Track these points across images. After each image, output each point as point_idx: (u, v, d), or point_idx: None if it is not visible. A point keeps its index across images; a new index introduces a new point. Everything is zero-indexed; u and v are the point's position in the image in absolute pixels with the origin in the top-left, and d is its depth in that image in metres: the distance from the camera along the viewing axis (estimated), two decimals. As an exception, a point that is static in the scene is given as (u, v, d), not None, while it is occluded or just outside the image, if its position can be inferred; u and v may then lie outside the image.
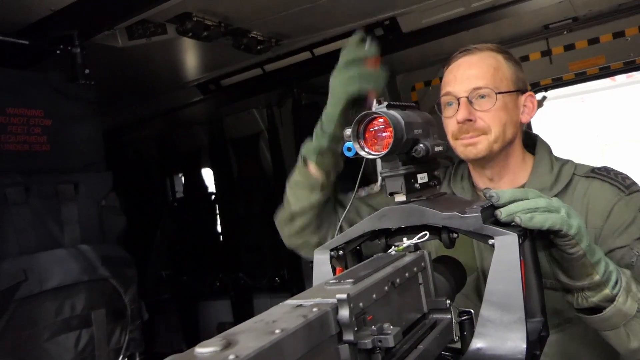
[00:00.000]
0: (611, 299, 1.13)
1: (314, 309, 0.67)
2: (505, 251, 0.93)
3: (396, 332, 0.69)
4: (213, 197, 5.13)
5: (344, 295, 0.68)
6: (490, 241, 0.95)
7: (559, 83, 3.75)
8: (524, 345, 0.86)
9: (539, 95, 3.86)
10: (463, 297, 1.42)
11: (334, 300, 0.69)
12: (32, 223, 2.01)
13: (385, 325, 0.72)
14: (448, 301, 0.95)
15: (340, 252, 1.11)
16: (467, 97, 1.44)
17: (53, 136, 2.15)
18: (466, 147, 1.46)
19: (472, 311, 0.99)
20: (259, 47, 3.22)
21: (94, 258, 2.12)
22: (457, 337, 0.96)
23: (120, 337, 2.23)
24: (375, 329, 0.70)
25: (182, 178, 5.35)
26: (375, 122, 1.02)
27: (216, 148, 4.93)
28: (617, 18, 3.43)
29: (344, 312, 0.68)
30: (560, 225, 1.03)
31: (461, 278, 1.14)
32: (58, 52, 2.29)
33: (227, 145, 4.90)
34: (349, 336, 0.68)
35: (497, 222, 1.01)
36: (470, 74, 1.46)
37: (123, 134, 4.91)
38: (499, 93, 1.44)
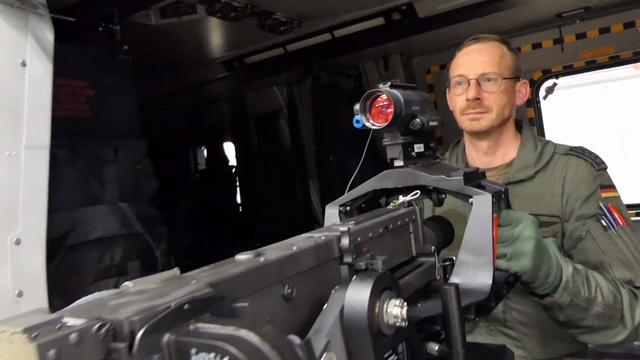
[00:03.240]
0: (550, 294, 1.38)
1: (322, 237, 0.89)
2: (481, 208, 1.14)
3: (384, 259, 0.91)
4: (233, 170, 5.37)
5: (346, 228, 0.90)
6: (470, 200, 1.16)
7: (569, 70, 3.89)
8: (490, 282, 1.07)
9: (549, 82, 4.01)
10: None
11: (338, 233, 0.90)
12: (78, 181, 2.26)
13: (378, 256, 0.94)
14: (433, 247, 1.16)
15: (348, 208, 1.32)
16: (477, 80, 1.70)
17: (95, 105, 2.39)
18: (472, 122, 1.70)
19: (454, 258, 1.20)
20: (282, 28, 3.40)
21: (131, 215, 2.38)
22: (439, 277, 1.17)
23: (151, 287, 2.46)
24: (369, 256, 0.92)
25: (205, 151, 5.59)
26: (379, 99, 1.22)
27: (238, 123, 5.16)
28: (628, 9, 3.55)
29: (345, 241, 0.89)
30: (519, 271, 1.25)
31: (449, 234, 1.34)
32: (100, 29, 2.51)
33: (249, 121, 5.12)
34: (347, 259, 0.89)
35: (479, 185, 1.21)
36: (481, 60, 1.73)
37: (149, 108, 5.15)
38: (505, 79, 1.72)
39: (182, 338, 0.53)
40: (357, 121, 1.27)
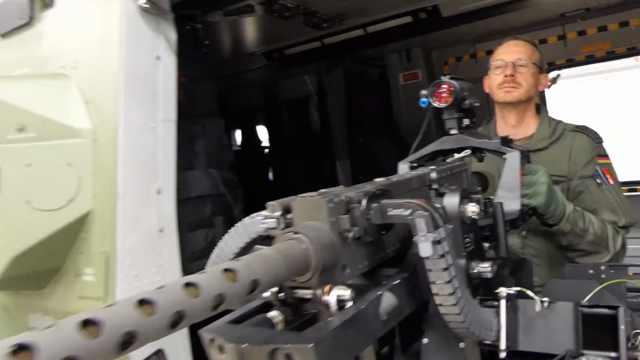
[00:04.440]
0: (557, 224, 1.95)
1: (419, 172, 1.45)
2: (512, 161, 1.70)
3: (456, 187, 1.46)
4: (266, 150, 5.91)
5: (434, 167, 1.46)
6: (504, 155, 1.72)
7: (571, 63, 4.43)
8: (519, 207, 1.64)
9: (554, 73, 4.54)
10: None
11: (429, 170, 1.46)
12: (178, 151, 2.79)
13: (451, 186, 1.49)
14: (479, 188, 1.71)
15: (415, 165, 1.87)
16: (513, 62, 2.27)
17: (187, 90, 2.92)
18: (506, 93, 2.26)
19: (493, 197, 1.75)
20: (324, 25, 3.93)
21: (218, 179, 2.93)
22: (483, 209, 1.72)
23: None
24: (446, 185, 1.47)
25: (240, 133, 6.13)
26: (442, 86, 1.77)
27: (271, 108, 5.69)
28: (623, 10, 4.08)
29: (434, 174, 1.45)
30: (536, 205, 1.82)
31: (486, 183, 1.90)
32: (187, 27, 3.03)
33: (281, 106, 5.66)
34: (435, 185, 1.45)
35: (510, 146, 1.76)
36: (517, 50, 2.33)
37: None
38: (534, 63, 2.29)
39: (382, 203, 1.09)
40: (423, 102, 1.82)
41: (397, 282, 1.11)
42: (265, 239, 1.30)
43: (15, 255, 2.00)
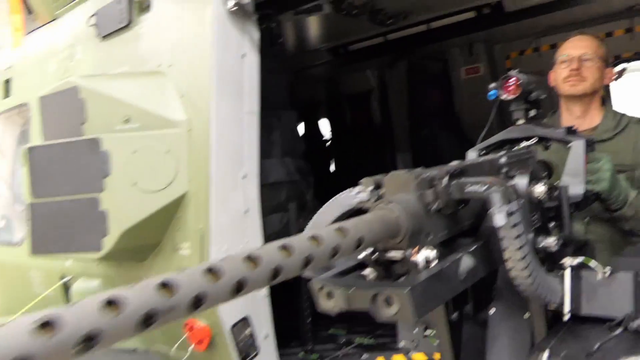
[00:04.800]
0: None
1: (490, 157, 1.60)
2: (577, 148, 1.82)
3: (524, 170, 1.61)
4: (328, 143, 6.12)
5: (504, 152, 1.61)
6: (569, 144, 1.84)
7: (639, 56, 4.39)
8: (582, 192, 1.76)
9: (620, 67, 4.51)
10: None
11: (498, 156, 1.61)
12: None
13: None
14: (545, 173, 1.85)
15: (483, 152, 2.02)
16: (579, 57, 2.37)
17: (264, 85, 3.15)
18: (571, 86, 2.37)
19: (558, 182, 1.88)
20: (389, 21, 4.09)
21: (292, 167, 3.16)
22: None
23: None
24: (515, 169, 1.62)
25: (303, 125, 6.36)
26: (510, 80, 1.91)
27: (333, 102, 5.89)
28: (696, 1, 4.01)
29: (504, 159, 1.60)
30: (600, 191, 1.93)
31: (550, 171, 2.02)
32: (263, 26, 3.25)
33: (342, 100, 5.85)
34: (504, 170, 1.60)
35: (574, 135, 1.88)
36: (583, 45, 2.43)
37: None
38: (599, 58, 2.39)
39: (461, 181, 1.26)
40: (492, 94, 1.96)
41: (473, 248, 1.28)
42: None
43: (123, 231, 2.29)
